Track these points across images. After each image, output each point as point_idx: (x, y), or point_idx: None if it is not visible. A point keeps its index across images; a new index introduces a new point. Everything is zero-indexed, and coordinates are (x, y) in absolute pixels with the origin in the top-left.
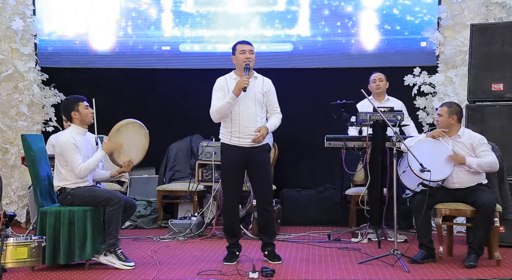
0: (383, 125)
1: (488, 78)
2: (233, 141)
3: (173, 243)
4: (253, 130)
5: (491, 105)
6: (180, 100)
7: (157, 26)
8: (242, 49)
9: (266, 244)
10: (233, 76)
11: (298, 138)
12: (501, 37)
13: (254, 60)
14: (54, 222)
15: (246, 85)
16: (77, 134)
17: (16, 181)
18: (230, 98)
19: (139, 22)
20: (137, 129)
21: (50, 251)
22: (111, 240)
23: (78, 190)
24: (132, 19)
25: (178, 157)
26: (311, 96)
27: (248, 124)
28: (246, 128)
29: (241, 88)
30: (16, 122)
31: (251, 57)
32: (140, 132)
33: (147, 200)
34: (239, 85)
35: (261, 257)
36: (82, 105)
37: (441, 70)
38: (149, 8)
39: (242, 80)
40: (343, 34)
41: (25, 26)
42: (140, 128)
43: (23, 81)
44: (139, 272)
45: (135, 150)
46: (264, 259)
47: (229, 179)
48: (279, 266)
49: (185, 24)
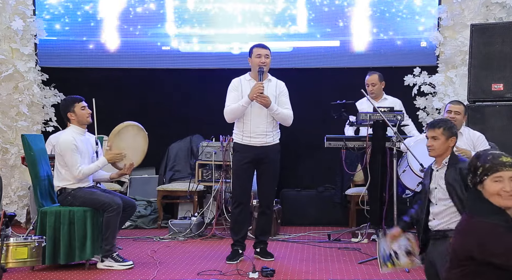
0: (383, 125)
1: (488, 78)
2: (245, 140)
3: (173, 243)
4: (264, 130)
5: (491, 105)
6: (180, 100)
7: (157, 26)
8: (258, 53)
9: (259, 241)
10: (247, 77)
11: (298, 138)
12: (501, 37)
13: (269, 64)
14: (54, 222)
15: (262, 91)
16: (77, 134)
17: (16, 181)
18: (245, 102)
19: (139, 23)
20: (136, 132)
21: (50, 251)
22: (107, 246)
23: (78, 191)
24: (132, 19)
25: (178, 157)
26: (311, 96)
27: (260, 125)
28: (258, 128)
29: (257, 94)
30: (16, 122)
31: (266, 62)
32: (139, 134)
33: (147, 200)
34: (254, 91)
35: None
36: (78, 106)
37: (441, 70)
38: (148, 8)
39: (257, 86)
40: (343, 34)
41: (25, 26)
42: (139, 130)
43: (23, 81)
44: (139, 272)
45: (135, 152)
46: (255, 256)
47: (241, 176)
48: (279, 266)
49: (185, 24)
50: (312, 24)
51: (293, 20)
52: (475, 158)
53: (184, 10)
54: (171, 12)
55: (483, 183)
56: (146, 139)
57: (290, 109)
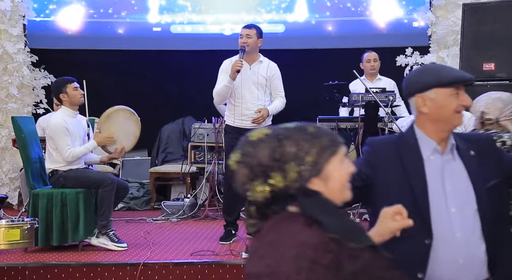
0: (375, 106)
1: (479, 57)
2: (236, 123)
3: (166, 225)
4: (254, 111)
5: (482, 85)
6: (172, 82)
7: (148, 8)
8: (241, 33)
9: None
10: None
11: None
12: (493, 17)
13: (254, 43)
14: (46, 204)
15: (239, 68)
16: (68, 116)
17: (7, 163)
18: (228, 81)
19: (131, 4)
20: (128, 116)
21: (43, 232)
22: (103, 221)
23: (70, 172)
24: (123, 1)
25: (170, 139)
26: (303, 78)
27: (250, 107)
28: (248, 110)
29: (235, 71)
30: (6, 104)
31: (247, 41)
32: (131, 119)
33: (140, 182)
34: (233, 68)
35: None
36: (70, 86)
37: (433, 50)
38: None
39: (235, 63)
40: (335, 15)
41: (13, 6)
42: (131, 114)
43: (12, 63)
44: (132, 253)
45: (126, 137)
46: (248, 237)
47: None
48: None
49: (176, 5)
50: (304, 6)
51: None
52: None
53: None
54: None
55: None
56: (139, 123)
57: (283, 93)
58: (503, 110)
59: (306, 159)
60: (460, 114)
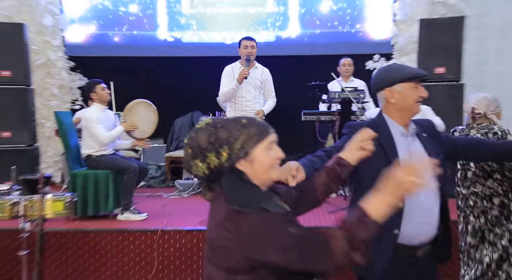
0: (349, 102)
1: (432, 63)
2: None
3: (179, 199)
4: (252, 108)
5: (434, 85)
6: (183, 83)
7: (158, 24)
8: (245, 44)
9: None
10: (238, 65)
11: (281, 113)
12: (444, 30)
13: (255, 53)
14: (83, 182)
15: (247, 75)
16: (99, 110)
17: (51, 149)
18: (235, 85)
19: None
20: (146, 107)
21: (81, 205)
22: (125, 201)
23: (102, 157)
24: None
25: (182, 130)
26: (290, 80)
27: (249, 104)
28: (247, 107)
29: (243, 78)
30: (49, 102)
31: (252, 52)
32: (149, 109)
33: (158, 164)
34: (241, 75)
35: None
36: (99, 87)
37: (395, 57)
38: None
39: (243, 71)
40: (317, 27)
41: (54, 22)
42: (148, 105)
43: (53, 68)
44: (152, 222)
45: (147, 124)
46: None
47: None
48: None
49: (186, 20)
50: (292, 22)
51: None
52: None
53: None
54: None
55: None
56: (156, 112)
57: (273, 94)
58: (489, 106)
59: (235, 144)
60: (419, 104)
